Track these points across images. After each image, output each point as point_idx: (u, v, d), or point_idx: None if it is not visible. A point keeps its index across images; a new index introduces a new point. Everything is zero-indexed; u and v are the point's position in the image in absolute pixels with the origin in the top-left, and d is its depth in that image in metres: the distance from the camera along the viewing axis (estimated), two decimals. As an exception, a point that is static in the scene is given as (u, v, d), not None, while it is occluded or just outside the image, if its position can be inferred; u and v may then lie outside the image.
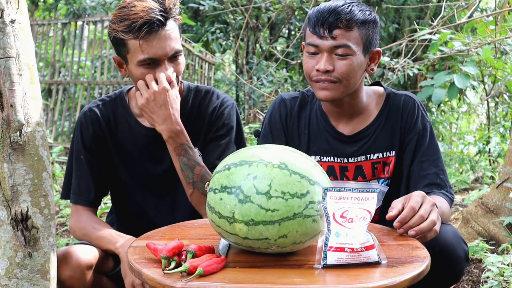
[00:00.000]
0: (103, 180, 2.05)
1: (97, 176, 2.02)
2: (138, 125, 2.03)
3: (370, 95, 1.94)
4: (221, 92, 2.10)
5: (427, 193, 1.79)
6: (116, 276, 1.95)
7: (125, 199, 2.09)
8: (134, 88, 2.06)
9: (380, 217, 1.85)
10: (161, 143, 2.02)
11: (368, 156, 1.90)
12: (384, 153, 1.89)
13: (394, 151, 1.89)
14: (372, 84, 2.00)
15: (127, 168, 2.05)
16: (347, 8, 1.75)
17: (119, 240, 1.86)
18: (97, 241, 1.91)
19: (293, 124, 1.98)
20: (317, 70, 1.78)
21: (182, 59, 1.92)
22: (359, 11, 1.77)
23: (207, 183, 1.45)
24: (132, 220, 2.09)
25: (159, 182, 2.04)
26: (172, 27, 1.85)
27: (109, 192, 2.15)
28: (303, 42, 1.88)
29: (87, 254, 1.82)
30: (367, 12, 1.79)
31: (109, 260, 1.94)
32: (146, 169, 2.04)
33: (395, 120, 1.90)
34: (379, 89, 1.97)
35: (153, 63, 1.84)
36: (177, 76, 1.89)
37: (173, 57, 1.87)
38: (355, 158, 1.90)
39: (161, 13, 1.81)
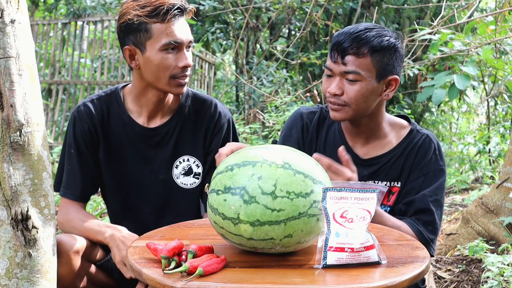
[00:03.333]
0: (93, 175, 2.05)
1: (86, 171, 2.02)
2: (131, 122, 2.03)
3: (392, 125, 1.95)
4: (220, 104, 2.12)
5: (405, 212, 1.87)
6: (106, 266, 1.96)
7: (113, 196, 2.09)
8: (130, 85, 2.06)
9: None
10: (153, 142, 2.03)
11: (376, 182, 1.92)
12: (392, 183, 1.91)
13: (400, 183, 1.91)
14: (400, 117, 2.01)
15: (116, 164, 2.05)
16: (363, 35, 1.75)
17: (107, 230, 1.87)
18: (86, 233, 1.91)
19: (311, 138, 2.00)
20: (329, 92, 1.82)
21: (191, 53, 1.98)
22: (377, 37, 1.76)
23: (207, 184, 1.45)
24: (121, 218, 2.08)
25: (147, 181, 2.05)
26: (186, 21, 1.93)
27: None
28: None
29: (73, 242, 1.83)
30: (385, 39, 1.77)
31: (98, 249, 1.95)
32: (135, 167, 2.04)
33: (409, 156, 1.91)
34: (403, 122, 1.98)
35: (175, 49, 1.89)
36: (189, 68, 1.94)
37: (188, 47, 1.93)
38: (364, 182, 1.92)
39: (183, 3, 1.89)
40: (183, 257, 1.34)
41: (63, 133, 7.58)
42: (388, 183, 1.90)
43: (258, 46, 8.12)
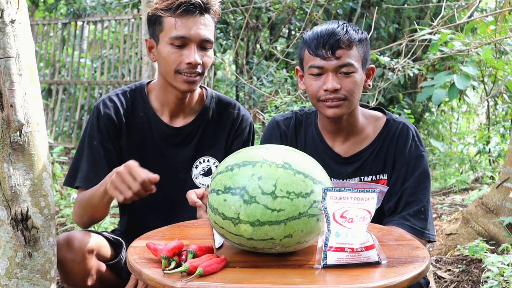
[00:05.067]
0: (114, 167, 2.03)
1: (108, 162, 1.98)
2: (155, 119, 2.05)
3: (367, 118, 1.97)
4: (242, 107, 2.15)
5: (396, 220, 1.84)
6: (116, 266, 1.96)
7: None
8: (154, 81, 2.09)
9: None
10: (175, 141, 2.05)
11: (362, 178, 1.93)
12: (377, 176, 1.93)
13: (386, 175, 1.93)
14: (374, 109, 2.03)
15: (135, 159, 2.03)
16: (343, 29, 1.83)
17: (105, 180, 1.79)
18: (90, 201, 1.86)
19: (291, 143, 2.01)
20: (325, 90, 1.83)
21: (211, 53, 1.96)
22: (354, 31, 1.84)
23: (207, 184, 1.45)
24: (135, 215, 2.09)
25: (166, 179, 2.03)
26: (209, 20, 1.93)
27: None
28: (297, 67, 1.95)
29: (90, 240, 1.83)
30: (360, 31, 1.86)
31: (109, 249, 1.95)
32: (155, 164, 2.03)
33: (390, 146, 1.93)
34: (378, 114, 2.00)
35: (182, 45, 1.89)
36: (203, 68, 1.93)
37: (203, 47, 1.92)
38: (350, 180, 1.93)
39: (202, 1, 1.89)
40: (183, 257, 1.34)
41: (63, 133, 7.58)
42: (374, 176, 1.92)
43: (258, 46, 8.12)
